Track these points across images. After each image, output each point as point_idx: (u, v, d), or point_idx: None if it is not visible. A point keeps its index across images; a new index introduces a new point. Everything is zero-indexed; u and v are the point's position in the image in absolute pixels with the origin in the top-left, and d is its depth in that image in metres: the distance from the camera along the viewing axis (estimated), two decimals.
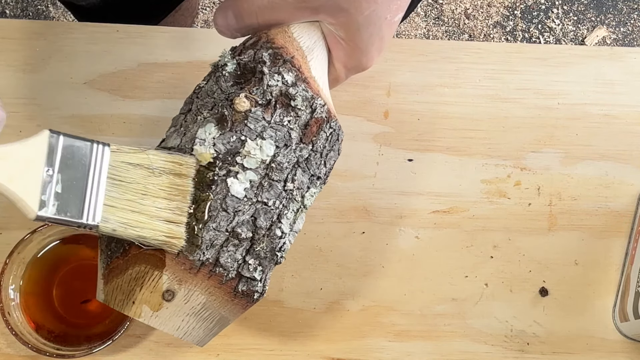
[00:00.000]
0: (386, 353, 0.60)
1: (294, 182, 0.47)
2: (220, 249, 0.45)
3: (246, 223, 0.45)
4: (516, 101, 0.64)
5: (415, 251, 0.62)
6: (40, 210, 0.38)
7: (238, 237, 0.45)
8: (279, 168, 0.46)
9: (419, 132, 0.63)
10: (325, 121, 0.48)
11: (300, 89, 0.47)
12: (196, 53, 0.64)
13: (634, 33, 1.46)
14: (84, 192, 0.40)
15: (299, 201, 0.48)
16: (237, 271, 0.45)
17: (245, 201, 0.45)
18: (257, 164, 0.45)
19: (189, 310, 0.46)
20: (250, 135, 0.45)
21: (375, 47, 0.49)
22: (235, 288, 0.46)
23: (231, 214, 0.45)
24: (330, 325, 0.60)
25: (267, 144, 0.46)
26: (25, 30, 0.64)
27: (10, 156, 0.38)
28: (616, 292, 0.61)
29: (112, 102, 0.63)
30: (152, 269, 0.45)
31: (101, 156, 0.41)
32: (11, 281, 0.56)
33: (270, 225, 0.46)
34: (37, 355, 0.56)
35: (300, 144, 0.47)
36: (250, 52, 0.48)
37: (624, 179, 0.63)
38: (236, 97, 0.46)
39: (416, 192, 0.63)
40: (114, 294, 0.46)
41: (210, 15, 1.43)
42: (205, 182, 0.45)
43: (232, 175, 0.45)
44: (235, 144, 0.45)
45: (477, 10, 1.45)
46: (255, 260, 0.46)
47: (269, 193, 0.46)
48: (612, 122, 0.64)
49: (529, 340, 0.60)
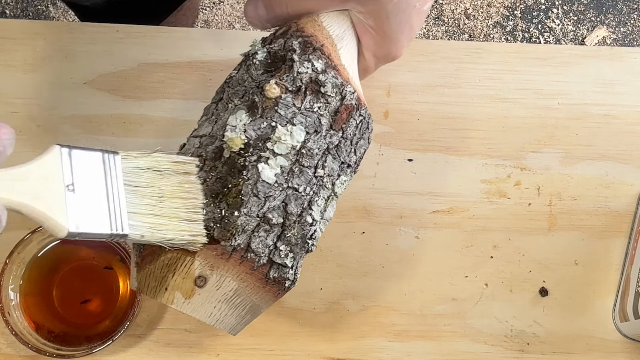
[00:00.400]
0: (386, 353, 0.60)
1: (324, 169, 0.47)
2: (252, 235, 0.45)
3: (277, 209, 0.46)
4: (516, 101, 0.64)
5: (415, 251, 0.62)
6: (71, 227, 0.38)
7: (269, 222, 0.45)
8: (309, 154, 0.46)
9: (419, 132, 0.63)
10: (355, 108, 0.49)
11: (330, 75, 0.47)
12: (196, 53, 0.64)
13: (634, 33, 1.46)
14: (106, 203, 0.40)
15: (330, 188, 0.48)
16: (268, 257, 0.46)
17: (275, 187, 0.45)
18: (288, 150, 0.46)
19: (221, 296, 0.46)
20: (281, 121, 0.46)
21: (405, 36, 0.49)
22: (267, 274, 0.46)
23: (262, 199, 0.45)
24: (330, 325, 0.60)
25: (297, 129, 0.46)
26: (25, 30, 0.64)
27: (28, 176, 0.37)
28: (616, 292, 0.61)
29: (112, 102, 0.63)
30: (184, 255, 0.45)
31: (114, 165, 0.41)
32: (11, 281, 0.56)
33: (301, 211, 0.46)
34: (37, 355, 0.56)
35: (330, 130, 0.47)
36: (280, 41, 0.48)
37: (624, 179, 0.63)
38: (266, 84, 0.46)
39: (416, 192, 0.63)
40: (146, 281, 0.46)
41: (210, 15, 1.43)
42: (237, 168, 0.45)
43: (263, 161, 0.45)
44: (266, 130, 0.46)
45: (477, 10, 1.45)
46: (287, 246, 0.46)
47: (300, 179, 0.46)
48: (612, 122, 0.64)
49: (529, 340, 0.60)
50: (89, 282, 0.59)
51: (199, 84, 0.63)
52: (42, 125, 0.62)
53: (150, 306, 0.59)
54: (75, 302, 0.59)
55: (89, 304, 0.59)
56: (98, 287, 0.59)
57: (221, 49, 0.64)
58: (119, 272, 0.59)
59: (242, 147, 0.45)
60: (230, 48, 0.64)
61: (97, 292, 0.59)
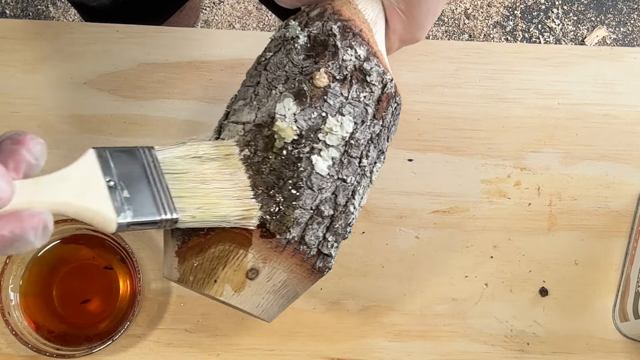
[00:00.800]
0: (386, 353, 0.60)
1: (367, 158, 0.47)
2: (306, 227, 0.45)
3: (328, 200, 0.45)
4: (516, 101, 0.64)
5: (415, 251, 0.62)
6: (119, 218, 0.38)
7: (321, 214, 0.45)
8: (357, 144, 0.46)
9: (419, 132, 0.63)
10: (393, 96, 0.48)
11: (374, 63, 0.47)
12: (196, 53, 0.64)
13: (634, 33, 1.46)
14: (150, 192, 0.40)
15: (369, 177, 0.48)
16: (317, 248, 0.46)
17: (327, 178, 0.45)
18: (339, 141, 0.45)
19: (270, 288, 0.46)
20: (331, 112, 0.45)
21: (429, 21, 0.50)
22: (314, 265, 0.46)
23: (316, 192, 0.45)
24: (330, 325, 0.60)
25: (346, 120, 0.46)
26: (25, 30, 0.64)
27: (68, 178, 0.37)
28: (616, 292, 0.61)
29: (112, 102, 0.63)
30: (238, 248, 0.44)
31: (150, 157, 0.41)
32: (11, 281, 0.56)
33: (346, 201, 0.46)
34: (37, 355, 0.56)
35: (373, 119, 0.47)
36: (318, 24, 0.47)
37: (624, 179, 0.63)
38: (316, 72, 0.45)
39: (416, 192, 0.62)
40: (192, 273, 0.45)
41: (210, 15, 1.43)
42: (291, 160, 0.44)
43: (316, 153, 0.45)
44: (317, 121, 0.45)
45: (477, 10, 1.45)
46: (334, 237, 0.46)
47: (348, 170, 0.46)
48: (612, 122, 0.64)
49: (529, 340, 0.60)
50: (89, 282, 0.59)
51: (199, 84, 0.64)
52: (42, 125, 0.62)
53: (150, 306, 0.59)
54: (75, 302, 0.59)
55: (89, 304, 0.59)
56: (98, 287, 0.59)
57: (221, 49, 0.64)
58: (119, 272, 0.59)
59: (294, 139, 0.45)
60: (230, 48, 0.64)
61: (97, 292, 0.59)
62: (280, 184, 0.44)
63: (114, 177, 0.39)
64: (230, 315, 0.59)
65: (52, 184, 0.37)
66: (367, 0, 0.49)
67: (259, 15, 1.44)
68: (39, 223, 0.34)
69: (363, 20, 0.48)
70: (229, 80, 0.64)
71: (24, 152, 0.35)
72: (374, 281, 0.61)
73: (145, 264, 0.60)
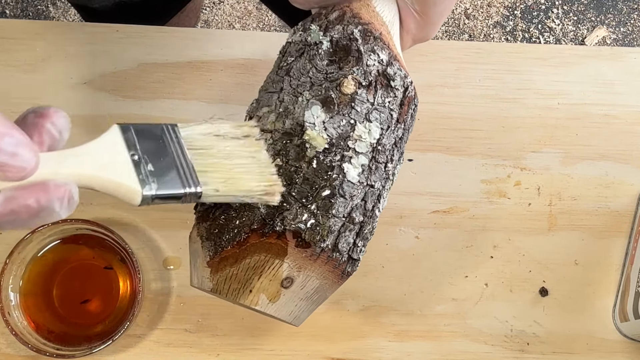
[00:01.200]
0: (386, 353, 0.60)
1: (392, 162, 0.47)
2: (339, 235, 0.45)
3: (359, 207, 0.46)
4: (516, 101, 0.64)
5: (415, 251, 0.62)
6: (144, 190, 0.38)
7: (353, 221, 0.45)
8: (383, 150, 0.46)
9: (419, 132, 0.63)
10: (413, 99, 0.49)
11: (396, 68, 0.47)
12: (196, 53, 0.64)
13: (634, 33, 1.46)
14: (174, 165, 0.40)
15: (392, 179, 0.48)
16: (348, 254, 0.46)
17: (358, 185, 0.45)
18: (367, 148, 0.46)
19: (303, 295, 0.46)
20: (359, 119, 0.45)
21: (442, 20, 0.50)
22: (344, 270, 0.46)
23: (348, 200, 0.45)
24: (330, 325, 0.60)
25: (374, 126, 0.46)
26: (25, 30, 0.64)
27: (93, 150, 0.38)
28: (616, 292, 0.61)
29: (112, 102, 0.63)
30: (273, 258, 0.44)
31: (174, 133, 0.41)
32: (11, 281, 0.56)
33: (373, 206, 0.47)
34: (37, 355, 0.56)
35: (397, 124, 0.48)
36: (338, 28, 0.47)
37: (624, 179, 0.63)
38: (344, 79, 0.45)
39: (416, 192, 0.62)
40: (227, 283, 0.45)
41: (210, 15, 1.43)
42: (323, 169, 0.45)
43: (347, 161, 0.45)
44: (346, 128, 0.45)
45: (477, 10, 1.45)
46: (362, 241, 0.47)
47: (375, 175, 0.46)
48: (612, 122, 0.64)
49: (529, 340, 0.60)
50: (89, 282, 0.59)
51: (199, 84, 0.64)
52: None
53: (150, 306, 0.59)
54: (75, 302, 0.59)
55: (89, 304, 0.59)
56: (98, 287, 0.59)
57: (221, 49, 0.64)
58: (119, 272, 0.59)
59: (325, 147, 0.45)
60: (230, 48, 0.64)
61: (97, 292, 0.59)
62: (314, 193, 0.44)
63: (138, 151, 0.39)
64: (230, 315, 0.59)
65: (76, 156, 0.37)
66: (383, 2, 0.49)
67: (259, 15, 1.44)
68: (65, 193, 0.35)
69: (382, 22, 0.48)
70: (229, 80, 0.64)
71: (48, 125, 0.36)
72: (374, 281, 0.61)
73: (145, 264, 0.60)
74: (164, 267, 0.60)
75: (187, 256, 0.60)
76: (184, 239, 0.60)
